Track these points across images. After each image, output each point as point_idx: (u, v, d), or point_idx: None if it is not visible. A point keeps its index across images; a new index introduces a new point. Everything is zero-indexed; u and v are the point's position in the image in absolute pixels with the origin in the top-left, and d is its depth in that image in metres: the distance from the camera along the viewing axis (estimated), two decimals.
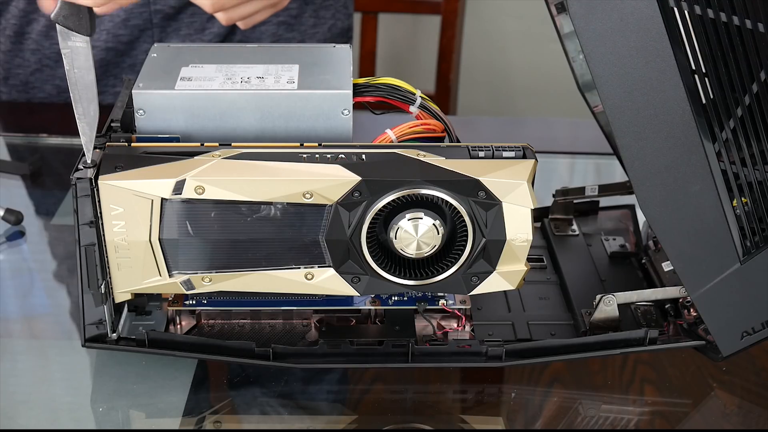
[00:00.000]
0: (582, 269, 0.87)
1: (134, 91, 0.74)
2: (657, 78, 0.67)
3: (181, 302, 0.78)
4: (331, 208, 0.71)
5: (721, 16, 0.66)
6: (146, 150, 0.72)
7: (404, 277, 0.73)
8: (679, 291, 0.78)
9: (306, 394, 0.77)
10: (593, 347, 0.77)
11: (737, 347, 0.76)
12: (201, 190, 0.70)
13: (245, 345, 0.75)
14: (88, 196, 0.70)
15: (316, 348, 0.75)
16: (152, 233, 0.72)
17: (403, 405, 0.77)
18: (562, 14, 0.73)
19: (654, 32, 0.66)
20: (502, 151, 0.73)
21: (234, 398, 0.76)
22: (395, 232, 0.71)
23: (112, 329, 0.75)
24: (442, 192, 0.70)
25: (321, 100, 0.75)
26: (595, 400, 0.77)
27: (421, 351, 0.76)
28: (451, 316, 0.79)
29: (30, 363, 0.80)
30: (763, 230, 0.72)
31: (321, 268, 0.73)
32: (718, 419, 0.76)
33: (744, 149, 0.70)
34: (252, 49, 0.83)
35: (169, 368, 0.78)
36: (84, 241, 0.72)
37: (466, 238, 0.72)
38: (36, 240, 0.97)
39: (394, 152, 0.73)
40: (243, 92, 0.74)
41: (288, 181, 0.70)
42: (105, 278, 0.73)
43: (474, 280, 0.74)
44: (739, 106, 0.69)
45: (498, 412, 0.78)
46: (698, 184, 0.70)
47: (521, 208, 0.71)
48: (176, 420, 0.74)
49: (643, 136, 0.69)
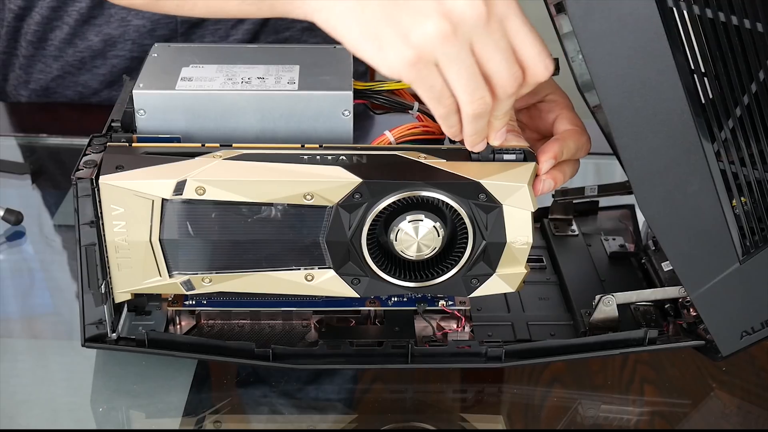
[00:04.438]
0: (581, 269, 0.87)
1: (135, 92, 0.75)
2: (656, 78, 0.67)
3: (180, 302, 0.78)
4: (332, 209, 0.71)
5: (719, 15, 0.66)
6: (147, 150, 0.72)
7: (404, 278, 0.73)
8: (678, 291, 0.78)
9: (306, 395, 0.77)
10: (593, 347, 0.77)
11: (737, 347, 0.76)
12: (202, 190, 0.70)
13: (245, 345, 0.75)
14: (88, 196, 0.70)
15: (316, 349, 0.75)
16: (153, 233, 0.72)
17: (403, 405, 0.77)
18: (561, 14, 0.73)
19: (653, 32, 0.66)
20: (502, 154, 0.73)
21: (234, 398, 0.76)
22: (396, 234, 0.71)
23: (111, 329, 0.75)
24: (443, 194, 0.70)
25: (321, 101, 0.75)
26: (595, 400, 0.77)
27: (420, 352, 0.76)
28: (451, 317, 0.79)
29: (30, 363, 0.80)
30: (762, 230, 0.72)
31: (321, 269, 0.73)
32: (717, 419, 0.76)
33: (743, 149, 0.70)
34: (253, 50, 0.83)
35: (169, 368, 0.78)
36: (84, 241, 0.72)
37: (467, 241, 0.72)
38: (36, 240, 0.97)
39: (395, 154, 0.73)
40: (244, 93, 0.74)
41: (289, 183, 0.70)
42: (105, 278, 0.73)
43: (474, 282, 0.74)
44: (738, 106, 0.69)
45: (498, 412, 0.78)
46: (697, 184, 0.70)
47: (521, 211, 0.71)
48: (176, 420, 0.74)
49: (642, 136, 0.69)
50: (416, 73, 0.65)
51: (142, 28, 1.15)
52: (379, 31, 0.64)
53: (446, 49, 0.64)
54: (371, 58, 0.66)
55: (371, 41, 0.65)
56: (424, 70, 0.65)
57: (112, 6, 1.13)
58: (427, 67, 0.65)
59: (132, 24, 1.15)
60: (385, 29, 0.64)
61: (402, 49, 0.64)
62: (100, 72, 1.19)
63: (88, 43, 1.17)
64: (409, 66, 0.65)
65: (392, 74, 0.66)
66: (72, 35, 1.17)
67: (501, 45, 0.65)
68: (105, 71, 1.19)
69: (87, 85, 1.20)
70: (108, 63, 1.18)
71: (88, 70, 1.19)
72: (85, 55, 1.18)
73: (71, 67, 1.19)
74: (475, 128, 0.69)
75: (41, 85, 1.22)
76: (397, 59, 0.64)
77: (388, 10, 0.64)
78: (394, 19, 0.64)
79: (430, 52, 0.64)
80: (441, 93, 0.66)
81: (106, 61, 1.18)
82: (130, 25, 1.15)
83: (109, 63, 1.18)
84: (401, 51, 0.64)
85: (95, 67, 1.19)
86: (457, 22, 0.63)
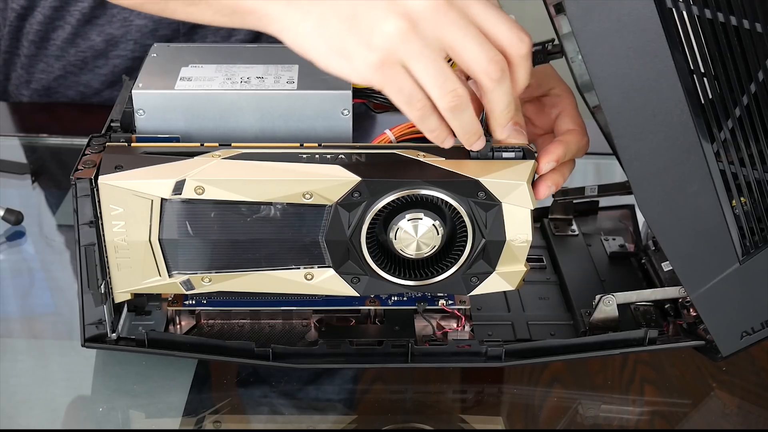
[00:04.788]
0: (582, 269, 0.87)
1: (134, 91, 0.75)
2: (655, 78, 0.67)
3: (180, 302, 0.78)
4: (331, 208, 0.71)
5: (718, 16, 0.66)
6: (146, 150, 0.72)
7: (404, 277, 0.73)
8: (678, 291, 0.78)
9: (306, 395, 0.77)
10: (593, 347, 0.77)
11: (737, 347, 0.76)
12: (201, 190, 0.70)
13: (245, 345, 0.75)
14: (88, 196, 0.70)
15: (316, 348, 0.75)
16: (152, 233, 0.72)
17: (403, 405, 0.77)
18: (561, 15, 0.73)
19: (652, 33, 0.66)
20: (501, 152, 0.73)
21: (234, 398, 0.76)
22: (395, 233, 0.71)
23: (111, 329, 0.75)
24: (442, 192, 0.70)
25: (321, 101, 0.75)
26: (595, 400, 0.77)
27: (420, 351, 0.76)
28: (451, 316, 0.79)
29: (30, 363, 0.80)
30: (762, 230, 0.72)
31: (321, 268, 0.73)
32: (717, 419, 0.76)
33: (743, 149, 0.70)
34: (252, 50, 0.83)
35: (169, 368, 0.78)
36: (84, 241, 0.72)
37: (466, 239, 0.72)
38: (36, 240, 0.97)
39: (394, 152, 0.73)
40: (243, 92, 0.75)
41: (288, 182, 0.70)
42: (105, 278, 0.73)
43: (474, 280, 0.74)
44: (738, 106, 0.69)
45: (498, 412, 0.78)
46: (697, 184, 0.70)
47: (521, 209, 0.71)
48: (176, 420, 0.74)
49: (642, 136, 0.69)
50: (383, 76, 0.65)
51: (144, 28, 1.15)
52: (343, 43, 0.65)
53: (408, 46, 0.64)
54: (341, 71, 0.66)
55: (338, 54, 0.66)
56: (390, 71, 0.65)
57: (114, 6, 1.13)
58: (393, 68, 0.65)
59: (134, 24, 1.15)
60: (348, 39, 0.65)
61: (366, 54, 0.65)
62: (102, 72, 1.19)
63: (90, 42, 1.17)
64: (375, 70, 0.65)
65: (363, 81, 0.66)
66: (74, 35, 1.17)
67: (470, 31, 0.65)
68: (107, 71, 1.19)
69: (89, 85, 1.20)
70: (110, 63, 1.18)
71: (90, 70, 1.19)
72: (87, 54, 1.18)
73: (73, 67, 1.19)
74: (461, 125, 0.69)
75: (43, 85, 1.22)
76: (363, 65, 0.65)
77: (348, 21, 0.65)
78: (355, 27, 0.65)
79: (394, 52, 0.64)
80: (411, 93, 0.66)
81: (108, 61, 1.18)
82: (133, 25, 1.15)
83: (111, 63, 1.18)
84: (366, 57, 0.65)
85: (97, 67, 1.19)
86: (416, 18, 0.64)
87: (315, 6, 0.66)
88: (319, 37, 0.66)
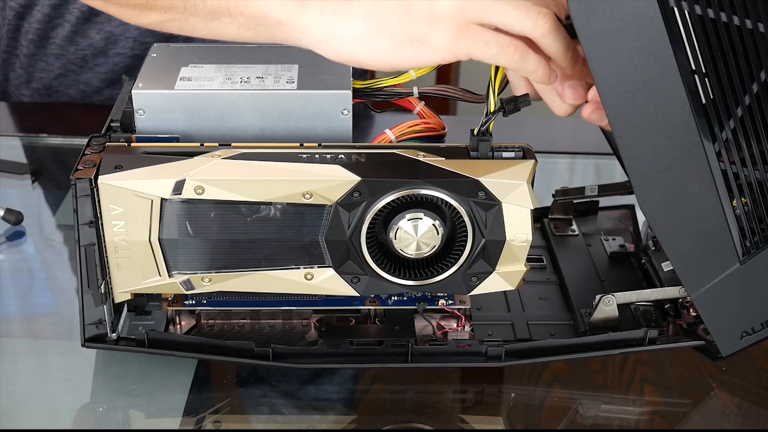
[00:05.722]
0: (582, 269, 0.87)
1: (134, 91, 0.75)
2: (657, 78, 0.67)
3: (180, 302, 0.78)
4: (331, 208, 0.71)
5: (721, 16, 0.66)
6: (146, 150, 0.72)
7: (404, 277, 0.73)
8: (678, 291, 0.78)
9: (306, 394, 0.77)
10: (593, 347, 0.77)
11: (737, 347, 0.76)
12: (201, 190, 0.70)
13: (245, 345, 0.75)
14: (87, 196, 0.70)
15: (316, 348, 0.75)
16: (152, 233, 0.72)
17: (403, 405, 0.77)
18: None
19: (654, 32, 0.66)
20: (501, 152, 0.73)
21: (234, 398, 0.76)
22: (395, 233, 0.71)
23: (111, 329, 0.75)
24: (442, 192, 0.70)
25: (320, 100, 0.75)
26: (595, 400, 0.77)
27: (420, 351, 0.76)
28: (451, 316, 0.79)
29: (30, 363, 0.80)
30: (762, 230, 0.72)
31: (321, 268, 0.73)
32: (717, 419, 0.76)
33: (744, 149, 0.70)
34: (252, 49, 0.82)
35: (169, 368, 0.78)
36: (84, 241, 0.72)
37: (466, 239, 0.72)
38: (36, 240, 0.97)
39: (394, 152, 0.73)
40: (243, 92, 0.74)
41: (288, 182, 0.70)
42: (105, 278, 0.73)
43: (474, 280, 0.74)
44: (739, 106, 0.68)
45: (498, 412, 0.78)
46: (698, 184, 0.70)
47: (521, 209, 0.71)
48: (176, 420, 0.74)
49: (643, 136, 0.69)
50: (465, 41, 0.63)
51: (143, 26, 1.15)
52: (408, 31, 0.63)
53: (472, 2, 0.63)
54: (418, 59, 0.64)
55: (408, 44, 0.63)
56: (470, 33, 0.63)
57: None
58: (470, 29, 0.63)
59: None
60: (411, 25, 0.63)
61: (440, 30, 0.63)
62: (102, 70, 1.19)
63: (89, 41, 1.17)
64: (455, 39, 0.63)
65: (445, 58, 0.64)
66: (73, 33, 1.17)
67: None
68: (107, 69, 1.19)
69: (89, 84, 1.20)
70: (110, 61, 1.18)
71: (89, 69, 1.19)
72: (87, 53, 1.18)
73: (73, 66, 1.19)
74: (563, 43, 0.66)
75: (43, 84, 1.22)
76: (441, 42, 0.63)
77: (401, 8, 0.63)
78: (413, 11, 0.63)
79: (464, 14, 0.63)
80: (500, 41, 0.64)
81: (108, 59, 1.18)
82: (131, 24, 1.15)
83: (111, 61, 1.18)
84: (441, 32, 0.63)
85: (97, 66, 1.19)
86: None
87: (353, 7, 0.63)
88: (374, 36, 0.64)
